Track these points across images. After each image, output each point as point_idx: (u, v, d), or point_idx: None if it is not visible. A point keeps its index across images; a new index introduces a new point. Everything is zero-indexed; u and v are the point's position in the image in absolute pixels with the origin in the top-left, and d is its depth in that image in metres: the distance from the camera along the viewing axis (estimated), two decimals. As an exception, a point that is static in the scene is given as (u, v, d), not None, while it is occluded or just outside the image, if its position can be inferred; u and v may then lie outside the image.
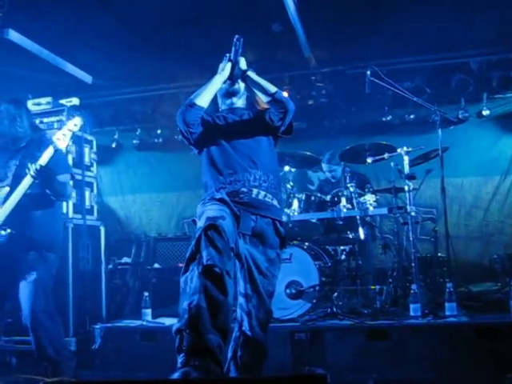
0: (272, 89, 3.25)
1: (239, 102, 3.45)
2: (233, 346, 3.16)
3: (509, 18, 5.84)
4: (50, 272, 4.08)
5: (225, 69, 3.26)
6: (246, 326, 3.11)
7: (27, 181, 3.79)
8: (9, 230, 3.85)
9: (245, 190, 3.12)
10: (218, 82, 3.27)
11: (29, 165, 3.78)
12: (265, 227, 3.16)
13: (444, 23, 5.97)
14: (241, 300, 3.13)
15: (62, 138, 3.77)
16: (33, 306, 3.90)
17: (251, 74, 3.30)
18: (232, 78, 3.31)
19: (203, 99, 3.20)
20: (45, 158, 3.77)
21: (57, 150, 3.83)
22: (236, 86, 3.38)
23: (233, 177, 3.14)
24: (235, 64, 3.26)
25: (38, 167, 3.74)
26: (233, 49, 3.25)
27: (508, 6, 5.58)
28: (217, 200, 3.04)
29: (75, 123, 3.83)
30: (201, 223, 2.86)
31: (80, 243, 5.34)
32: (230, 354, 3.15)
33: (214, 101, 3.43)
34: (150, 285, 6.61)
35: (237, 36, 3.22)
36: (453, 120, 6.85)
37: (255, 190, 3.14)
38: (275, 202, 3.25)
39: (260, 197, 3.15)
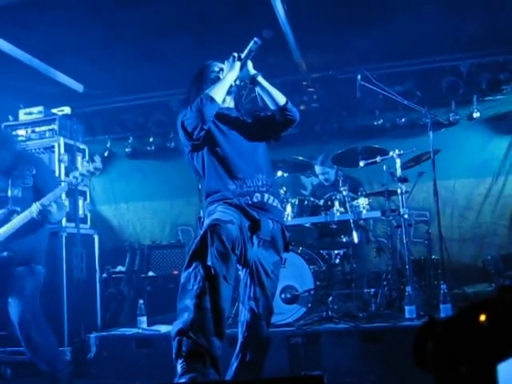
0: (282, 98, 3.19)
1: (231, 102, 3.34)
2: (240, 352, 3.12)
3: (497, 21, 5.89)
4: (38, 283, 4.15)
5: (235, 67, 3.13)
6: (257, 329, 3.11)
7: (25, 215, 3.95)
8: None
9: (258, 195, 3.09)
10: (230, 80, 3.13)
11: (33, 205, 3.93)
12: (277, 231, 3.18)
13: (433, 26, 6.03)
14: (251, 304, 3.11)
15: (78, 178, 3.95)
16: (20, 318, 3.96)
17: (261, 79, 3.21)
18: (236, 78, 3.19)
19: (219, 96, 3.06)
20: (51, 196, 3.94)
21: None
22: (233, 87, 3.24)
23: (243, 182, 3.09)
24: (243, 65, 3.17)
25: (41, 207, 3.91)
26: (247, 50, 3.14)
27: (496, 9, 5.63)
28: (232, 206, 3.01)
29: (97, 167, 3.93)
30: (208, 221, 2.84)
31: (74, 252, 5.33)
32: (236, 363, 3.11)
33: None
34: (144, 293, 6.60)
35: (256, 38, 3.12)
36: (444, 122, 6.90)
37: (266, 195, 3.13)
38: (279, 206, 3.26)
39: (270, 201, 3.14)
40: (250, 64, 3.20)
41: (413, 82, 7.02)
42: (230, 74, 3.14)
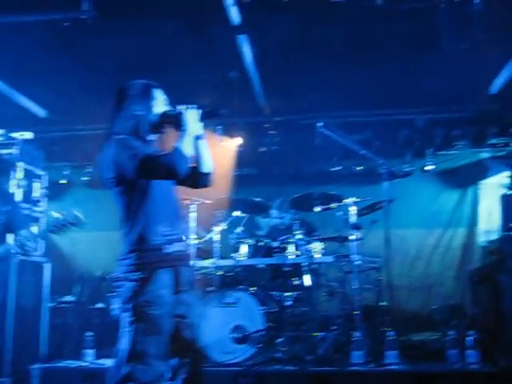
0: (210, 166, 3.17)
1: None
2: None
3: (453, 81, 6.16)
4: None
5: (197, 122, 3.01)
6: None
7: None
8: None
9: (179, 244, 3.00)
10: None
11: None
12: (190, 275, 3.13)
13: (393, 81, 6.28)
14: None
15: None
16: None
17: (203, 142, 3.14)
18: (180, 128, 3.01)
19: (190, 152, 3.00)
20: None
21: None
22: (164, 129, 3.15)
23: (170, 227, 2.97)
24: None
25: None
26: (213, 113, 3.11)
27: (452, 69, 5.90)
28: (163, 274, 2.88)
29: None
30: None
31: (24, 279, 5.22)
32: None
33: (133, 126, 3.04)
34: (92, 325, 6.47)
35: (222, 112, 3.12)
36: (398, 173, 7.12)
37: (184, 244, 3.08)
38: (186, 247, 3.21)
39: (186, 248, 3.10)
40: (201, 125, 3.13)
41: (371, 132, 7.26)
42: (194, 128, 3.01)
